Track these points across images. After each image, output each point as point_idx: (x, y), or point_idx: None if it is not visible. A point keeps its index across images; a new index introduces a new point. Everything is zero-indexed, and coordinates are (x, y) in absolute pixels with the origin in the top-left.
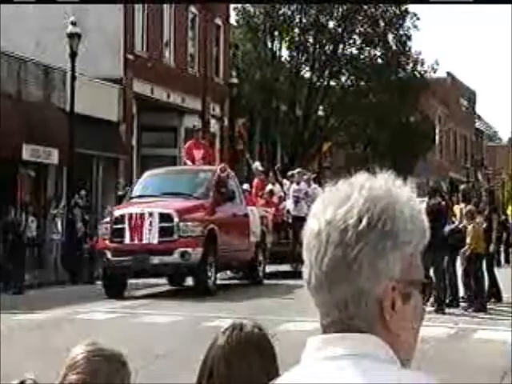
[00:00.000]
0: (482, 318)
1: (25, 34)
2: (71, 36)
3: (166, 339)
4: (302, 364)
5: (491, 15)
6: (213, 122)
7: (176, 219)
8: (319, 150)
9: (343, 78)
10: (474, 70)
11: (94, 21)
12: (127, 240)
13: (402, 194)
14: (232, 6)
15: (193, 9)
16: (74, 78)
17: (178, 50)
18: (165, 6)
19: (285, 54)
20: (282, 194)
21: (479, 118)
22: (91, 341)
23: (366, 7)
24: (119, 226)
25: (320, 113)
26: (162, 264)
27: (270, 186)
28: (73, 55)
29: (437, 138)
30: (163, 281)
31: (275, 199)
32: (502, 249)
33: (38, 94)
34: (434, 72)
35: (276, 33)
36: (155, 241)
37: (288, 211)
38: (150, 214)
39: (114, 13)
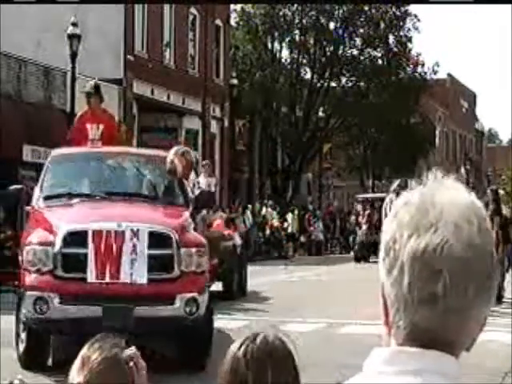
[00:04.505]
0: None
1: (25, 34)
2: (71, 37)
3: None
4: (367, 375)
5: (491, 15)
6: (213, 123)
7: (175, 243)
8: (319, 150)
9: (343, 79)
10: (474, 70)
11: (95, 21)
12: (92, 277)
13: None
14: (232, 6)
15: (193, 10)
16: (74, 78)
17: (178, 50)
18: (165, 6)
19: (285, 55)
20: None
21: (477, 120)
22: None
23: (366, 8)
24: (73, 251)
25: (320, 114)
26: (154, 318)
27: None
28: (73, 56)
29: (437, 139)
30: None
31: None
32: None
33: (39, 95)
34: (435, 73)
35: (276, 34)
36: (143, 280)
37: None
38: (134, 233)
39: (114, 13)
